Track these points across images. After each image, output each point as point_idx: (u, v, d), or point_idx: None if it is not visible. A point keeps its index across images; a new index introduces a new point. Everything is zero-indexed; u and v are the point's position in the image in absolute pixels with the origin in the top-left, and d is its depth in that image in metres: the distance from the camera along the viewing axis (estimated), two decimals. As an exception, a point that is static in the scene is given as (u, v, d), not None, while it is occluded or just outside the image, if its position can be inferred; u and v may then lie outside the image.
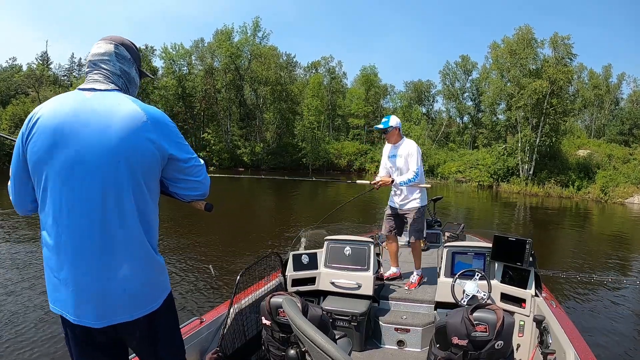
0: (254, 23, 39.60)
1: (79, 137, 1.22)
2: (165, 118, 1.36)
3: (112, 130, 1.22)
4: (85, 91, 1.31)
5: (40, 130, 1.23)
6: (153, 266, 1.34)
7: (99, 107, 1.26)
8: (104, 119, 1.23)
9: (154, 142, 1.28)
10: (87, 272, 1.24)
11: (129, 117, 1.25)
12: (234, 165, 37.67)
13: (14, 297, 5.16)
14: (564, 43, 27.16)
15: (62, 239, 1.24)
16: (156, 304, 1.34)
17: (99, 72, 1.37)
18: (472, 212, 17.09)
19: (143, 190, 1.28)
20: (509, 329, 1.96)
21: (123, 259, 1.26)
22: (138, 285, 1.29)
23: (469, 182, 30.38)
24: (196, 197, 1.47)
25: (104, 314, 1.26)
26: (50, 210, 1.24)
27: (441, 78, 45.57)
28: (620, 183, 23.61)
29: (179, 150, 1.36)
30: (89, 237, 1.23)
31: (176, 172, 1.38)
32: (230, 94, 40.07)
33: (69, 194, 1.22)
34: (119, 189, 1.24)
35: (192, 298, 5.40)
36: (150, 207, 1.33)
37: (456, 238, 4.70)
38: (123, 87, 1.40)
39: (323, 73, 48.36)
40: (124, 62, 1.42)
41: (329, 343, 1.01)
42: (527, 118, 27.90)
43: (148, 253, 1.31)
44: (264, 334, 2.38)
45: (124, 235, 1.25)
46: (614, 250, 9.82)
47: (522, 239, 2.89)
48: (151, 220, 1.33)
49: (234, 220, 11.58)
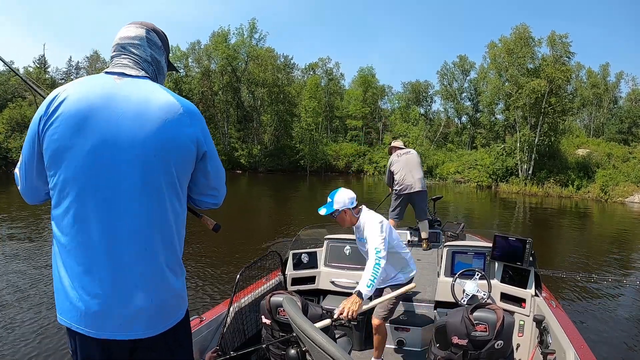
0: (251, 25, 39.65)
1: (110, 126, 1.09)
2: (199, 112, 1.26)
3: (148, 121, 1.11)
4: (114, 75, 1.19)
5: (64, 114, 1.09)
6: (181, 276, 1.25)
7: (131, 94, 1.14)
8: (139, 108, 1.12)
9: (190, 136, 1.18)
10: (119, 280, 1.11)
11: (165, 107, 1.15)
12: (232, 168, 37.58)
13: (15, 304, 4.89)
14: (562, 41, 27.06)
15: (90, 241, 1.09)
16: (180, 315, 1.25)
17: (128, 57, 1.25)
18: (472, 212, 16.96)
19: (177, 189, 1.18)
20: (509, 329, 1.96)
21: (157, 266, 1.15)
22: (168, 296, 1.19)
23: (468, 183, 30.24)
24: (212, 204, 1.37)
25: (130, 324, 1.13)
26: (72, 208, 1.10)
27: (439, 78, 45.54)
28: (620, 182, 23.46)
29: (213, 149, 1.28)
30: (123, 240, 1.10)
31: (201, 173, 1.27)
32: (227, 96, 40.05)
33: (100, 190, 1.09)
34: (158, 187, 1.13)
35: (191, 297, 5.34)
36: (182, 210, 1.23)
37: (456, 237, 4.71)
38: (152, 76, 1.28)
39: (321, 74, 48.32)
40: (155, 49, 1.31)
41: (328, 342, 1.01)
42: (526, 117, 27.78)
43: (178, 261, 1.22)
44: (264, 332, 2.39)
45: (160, 240, 1.15)
46: (614, 250, 9.74)
47: (523, 239, 2.87)
48: (182, 226, 1.23)
49: (233, 220, 11.55)
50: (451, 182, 31.64)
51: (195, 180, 1.28)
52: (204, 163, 1.26)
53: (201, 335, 2.34)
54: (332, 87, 48.01)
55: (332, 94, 47.62)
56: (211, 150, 1.27)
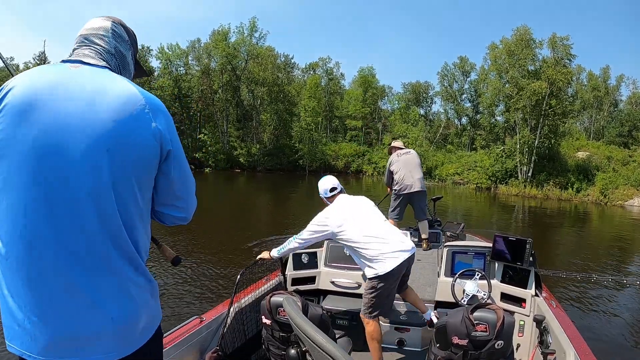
0: (251, 23, 39.54)
1: (57, 117, 0.95)
2: (163, 106, 1.12)
3: (102, 111, 0.98)
4: (70, 63, 1.07)
5: (8, 105, 0.96)
6: (146, 289, 1.09)
7: (85, 81, 1.01)
8: (92, 96, 0.99)
9: (153, 131, 1.03)
10: (70, 298, 0.96)
11: (124, 97, 1.01)
12: (230, 167, 37.56)
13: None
14: (563, 44, 26.98)
15: (32, 253, 0.94)
16: (147, 334, 1.10)
17: (90, 47, 1.14)
18: (471, 214, 16.87)
19: (134, 191, 1.03)
20: (509, 329, 1.96)
21: (116, 279, 1.01)
22: (133, 313, 1.04)
23: (467, 185, 30.17)
24: (178, 219, 1.21)
25: (89, 348, 0.98)
26: (10, 213, 0.95)
27: (439, 79, 45.49)
28: (619, 185, 23.39)
29: (179, 150, 1.12)
30: (72, 252, 0.95)
31: (164, 177, 1.11)
32: (227, 95, 39.94)
33: (43, 191, 0.94)
34: (112, 188, 0.98)
35: (191, 297, 5.35)
36: (140, 215, 1.07)
37: (456, 238, 4.72)
38: (115, 69, 1.16)
39: (321, 74, 48.23)
40: (121, 42, 1.21)
41: (329, 342, 1.00)
42: (526, 119, 27.70)
43: (141, 272, 1.07)
44: (264, 333, 2.38)
45: (118, 250, 1.00)
46: (614, 252, 9.73)
47: (523, 239, 2.87)
48: (139, 234, 1.07)
49: (232, 220, 11.54)
50: (450, 184, 31.57)
51: (157, 187, 1.12)
52: (168, 165, 1.10)
53: (201, 335, 2.32)
54: (332, 86, 47.92)
55: (332, 93, 47.53)
56: (177, 150, 1.12)
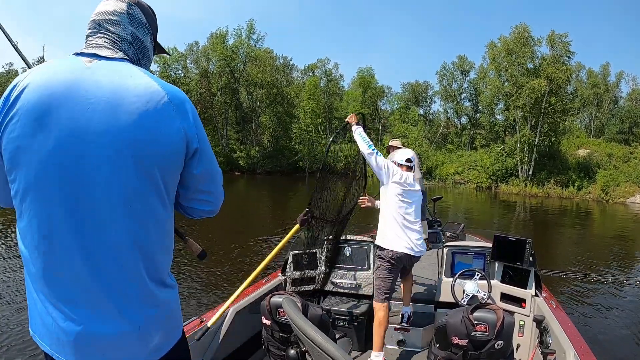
0: (249, 25, 39.63)
1: (76, 120, 0.90)
2: (188, 99, 1.03)
3: (123, 112, 0.91)
4: (85, 57, 0.98)
5: (23, 107, 0.90)
6: (170, 291, 1.06)
7: (103, 79, 0.94)
8: (112, 96, 0.92)
9: (177, 129, 0.97)
10: (97, 305, 0.95)
11: (146, 94, 0.94)
12: (230, 169, 37.51)
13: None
14: (562, 41, 26.92)
15: (58, 262, 0.92)
16: (175, 336, 1.08)
17: (104, 36, 1.04)
18: (472, 214, 16.80)
19: (162, 194, 0.98)
20: (509, 329, 1.96)
21: (140, 285, 0.97)
22: (158, 317, 1.02)
23: (468, 184, 30.05)
24: (206, 212, 1.16)
25: (117, 353, 0.97)
26: (35, 222, 0.92)
27: (438, 79, 45.50)
28: (621, 182, 23.31)
29: (206, 145, 1.06)
30: (97, 259, 0.93)
31: (191, 174, 1.05)
32: (225, 97, 40.00)
33: (66, 199, 0.90)
34: (137, 192, 0.94)
35: (191, 297, 5.31)
36: (168, 217, 1.03)
37: (456, 238, 4.73)
38: (134, 58, 1.08)
39: (320, 75, 48.20)
40: (138, 27, 1.10)
41: (328, 343, 1.00)
42: (526, 118, 27.62)
43: (164, 275, 1.04)
44: (264, 333, 2.39)
45: (141, 254, 0.97)
46: (615, 251, 9.66)
47: (523, 239, 2.88)
48: (167, 237, 1.04)
49: (231, 221, 11.50)
50: (451, 183, 31.46)
51: (184, 183, 1.06)
52: (195, 162, 1.04)
53: (201, 335, 2.32)
54: (331, 88, 47.89)
55: (332, 95, 47.49)
56: (204, 147, 1.06)
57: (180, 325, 1.13)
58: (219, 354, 2.38)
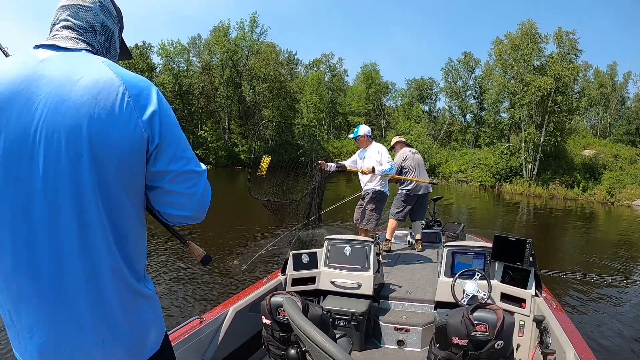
0: (252, 19, 39.34)
1: (25, 120, 0.84)
2: (152, 87, 0.94)
3: (72, 108, 0.84)
4: (41, 49, 0.92)
5: None
6: (143, 301, 0.99)
7: (54, 72, 0.87)
8: (62, 91, 0.85)
9: (135, 123, 0.88)
10: (60, 323, 0.89)
11: (96, 86, 0.86)
12: (231, 164, 37.43)
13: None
14: (569, 38, 26.45)
15: (11, 275, 0.88)
16: (152, 348, 1.01)
17: (70, 25, 0.98)
18: (474, 213, 16.57)
19: (121, 197, 0.91)
20: (509, 329, 1.97)
21: (106, 297, 0.91)
22: (130, 330, 0.95)
23: (471, 182, 29.77)
24: (182, 218, 1.04)
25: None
26: None
27: (443, 75, 45.20)
28: (627, 184, 22.95)
29: (172, 138, 0.95)
30: (55, 272, 0.87)
31: (152, 174, 0.96)
32: (228, 91, 39.86)
33: (16, 207, 0.85)
34: (93, 197, 0.86)
35: (191, 297, 5.28)
36: (132, 222, 0.95)
37: (456, 238, 4.77)
38: (99, 50, 1.02)
39: (324, 70, 47.89)
40: (109, 17, 1.06)
41: (329, 342, 1.00)
42: (531, 116, 27.25)
43: (136, 283, 0.96)
44: (264, 333, 2.39)
45: (106, 264, 0.90)
46: (618, 253, 9.53)
47: (523, 239, 2.89)
48: (133, 243, 0.95)
49: (231, 219, 11.33)
50: (454, 182, 31.19)
51: (148, 183, 0.97)
52: (155, 159, 0.94)
53: (201, 335, 2.33)
54: (335, 83, 47.62)
55: (335, 90, 47.24)
56: (170, 142, 0.94)
57: (160, 334, 1.05)
58: (219, 353, 2.39)
